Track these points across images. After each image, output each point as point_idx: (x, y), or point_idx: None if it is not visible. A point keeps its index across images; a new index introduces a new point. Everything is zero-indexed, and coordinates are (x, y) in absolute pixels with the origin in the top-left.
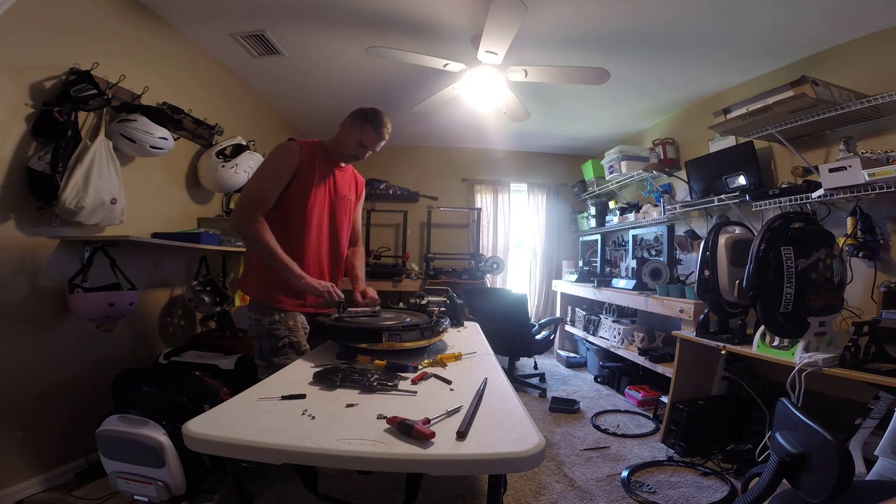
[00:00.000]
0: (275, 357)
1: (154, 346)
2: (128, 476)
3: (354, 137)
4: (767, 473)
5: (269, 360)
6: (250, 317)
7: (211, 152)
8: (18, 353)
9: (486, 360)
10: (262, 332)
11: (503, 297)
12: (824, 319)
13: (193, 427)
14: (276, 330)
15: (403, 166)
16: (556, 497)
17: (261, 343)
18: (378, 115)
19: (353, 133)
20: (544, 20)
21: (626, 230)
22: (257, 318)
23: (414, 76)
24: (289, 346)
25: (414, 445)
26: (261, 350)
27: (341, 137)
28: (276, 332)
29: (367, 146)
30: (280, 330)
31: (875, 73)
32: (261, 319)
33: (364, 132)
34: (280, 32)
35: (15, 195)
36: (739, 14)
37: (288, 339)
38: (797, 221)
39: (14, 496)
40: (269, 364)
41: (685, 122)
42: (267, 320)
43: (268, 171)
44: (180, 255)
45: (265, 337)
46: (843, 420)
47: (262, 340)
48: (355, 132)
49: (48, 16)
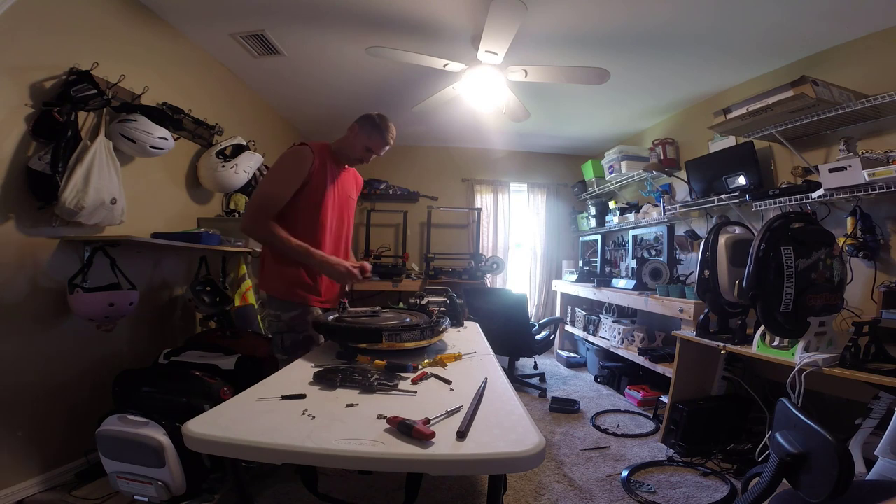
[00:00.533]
0: (298, 350)
1: (154, 346)
2: (128, 476)
3: (362, 142)
4: (767, 473)
5: (292, 353)
6: (270, 313)
7: (211, 152)
8: (19, 353)
9: (486, 360)
10: (283, 326)
11: (503, 297)
12: (824, 319)
13: (193, 427)
14: (297, 324)
15: (403, 166)
16: (556, 497)
17: (282, 338)
18: (385, 122)
19: (362, 138)
20: (544, 20)
21: (626, 230)
22: (277, 314)
23: (414, 76)
24: (310, 339)
25: (414, 445)
26: (282, 344)
27: (349, 142)
28: (297, 327)
29: (373, 151)
30: (300, 324)
31: (875, 73)
32: (281, 315)
33: (372, 138)
34: (280, 32)
35: (15, 195)
36: (739, 14)
37: (309, 333)
38: (797, 221)
39: (14, 496)
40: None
41: (685, 122)
42: (287, 315)
43: (281, 176)
44: (180, 255)
45: (287, 332)
46: (843, 420)
47: (284, 336)
48: (363, 137)
49: (48, 16)
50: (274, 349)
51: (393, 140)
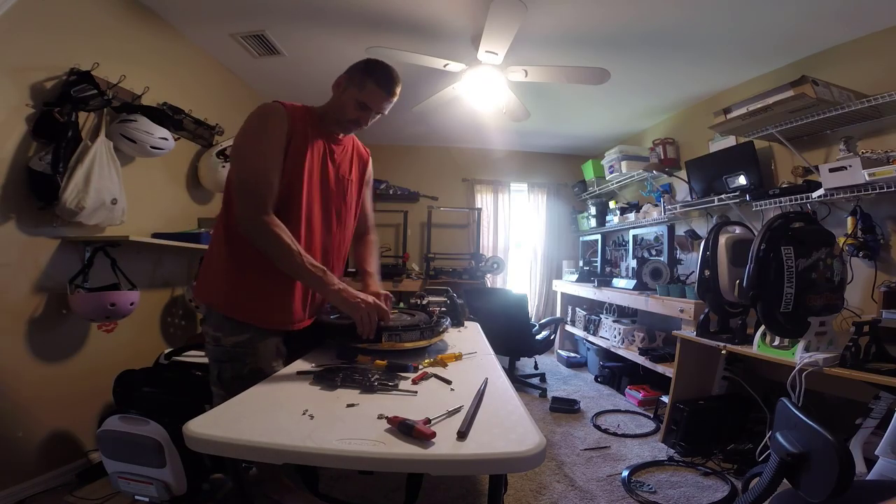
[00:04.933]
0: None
1: (155, 346)
2: (129, 476)
3: (353, 97)
4: (768, 473)
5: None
6: (208, 332)
7: (211, 152)
8: (19, 352)
9: (487, 360)
10: (221, 354)
11: (503, 297)
12: (825, 319)
13: (194, 427)
14: (241, 353)
15: (403, 166)
16: (557, 497)
17: (220, 368)
18: (383, 67)
19: (351, 92)
20: (544, 20)
21: (626, 230)
22: (216, 336)
23: (414, 76)
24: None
25: (414, 445)
26: (220, 376)
27: (337, 99)
28: (241, 356)
29: (370, 107)
30: (246, 353)
31: (875, 73)
32: (221, 337)
33: (364, 88)
34: (280, 32)
35: (16, 195)
36: (739, 14)
37: (258, 365)
38: (797, 221)
39: (15, 496)
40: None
41: (685, 122)
42: (231, 340)
43: (255, 145)
44: (181, 255)
45: (226, 361)
46: (843, 420)
47: (223, 365)
48: (353, 90)
49: (48, 16)
50: (210, 380)
51: (398, 91)
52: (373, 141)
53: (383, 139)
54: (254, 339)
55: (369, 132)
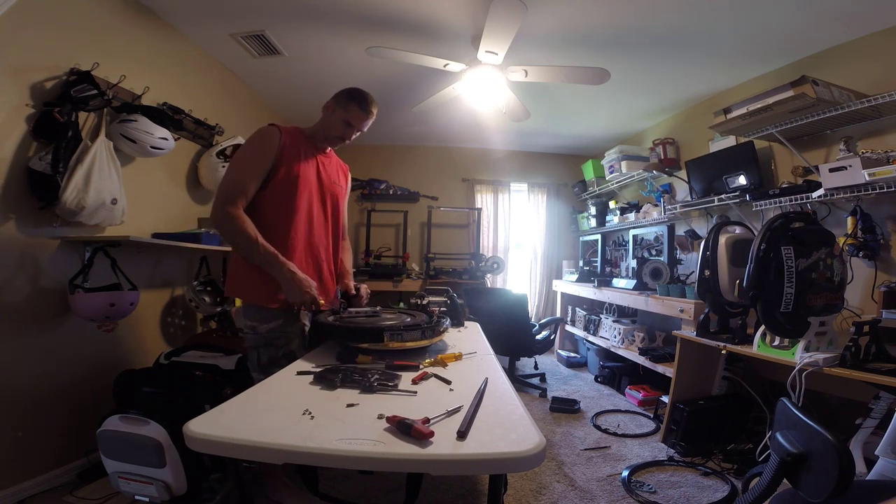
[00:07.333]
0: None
1: (155, 346)
2: (129, 476)
3: (340, 116)
4: (768, 473)
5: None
6: (245, 324)
7: (211, 152)
8: (19, 353)
9: (487, 360)
10: (258, 340)
11: (503, 297)
12: (825, 319)
13: (194, 427)
14: (276, 338)
15: (403, 166)
16: (557, 497)
17: (258, 353)
18: (363, 94)
19: (339, 112)
20: (544, 20)
21: (626, 230)
22: (253, 325)
23: (414, 76)
24: (291, 355)
25: (414, 445)
26: (259, 361)
27: (326, 120)
28: (276, 341)
29: (354, 125)
30: (280, 337)
31: (875, 73)
32: (257, 326)
33: (349, 110)
34: (280, 32)
35: (16, 195)
36: (740, 14)
37: (290, 348)
38: (797, 221)
39: (15, 496)
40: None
41: (685, 122)
42: (265, 327)
43: (245, 159)
44: (181, 255)
45: (263, 346)
46: (843, 420)
47: (261, 350)
48: (340, 111)
49: (48, 16)
50: (249, 367)
51: (375, 112)
52: (373, 141)
53: (383, 139)
54: (285, 325)
55: (370, 133)
